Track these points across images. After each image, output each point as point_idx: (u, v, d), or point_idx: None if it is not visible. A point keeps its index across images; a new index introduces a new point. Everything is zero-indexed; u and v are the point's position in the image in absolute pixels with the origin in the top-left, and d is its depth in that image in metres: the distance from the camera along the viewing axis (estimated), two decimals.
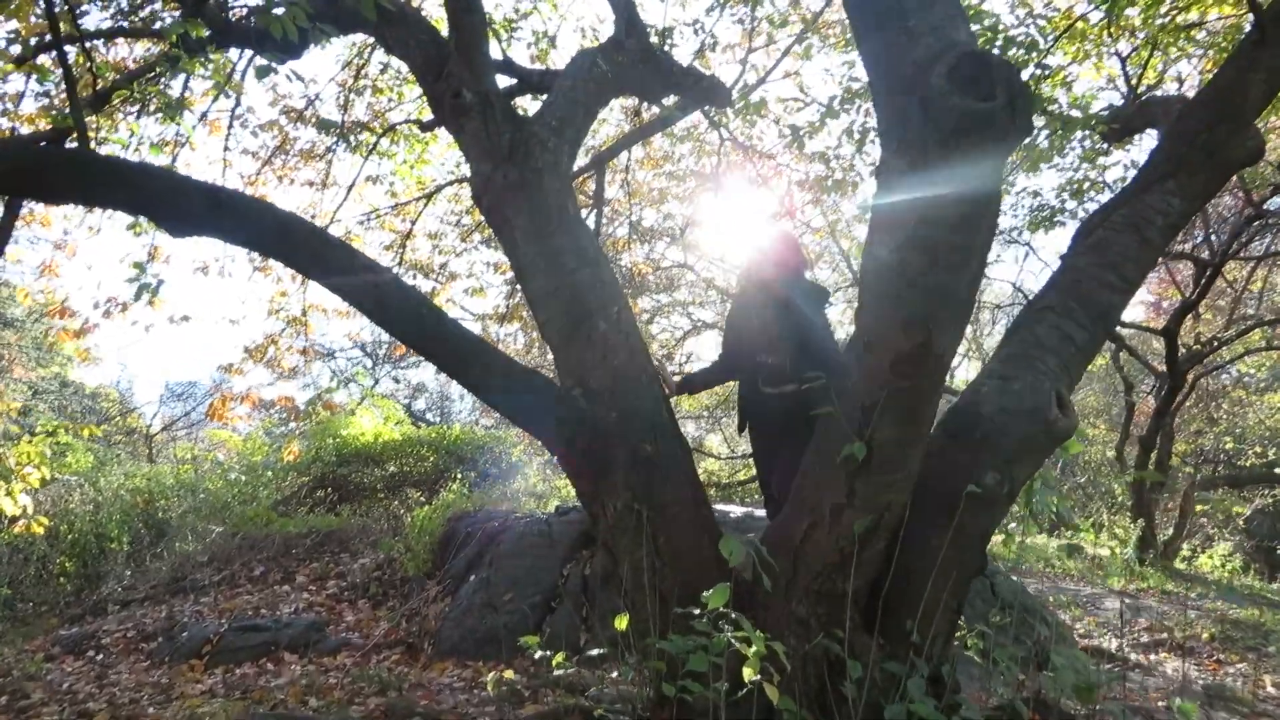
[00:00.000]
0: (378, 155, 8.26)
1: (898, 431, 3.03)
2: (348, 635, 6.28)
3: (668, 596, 3.64)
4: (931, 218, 2.63)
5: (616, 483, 3.70)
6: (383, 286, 3.55)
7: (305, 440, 10.76)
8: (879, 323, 2.90)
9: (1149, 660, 5.76)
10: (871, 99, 3.19)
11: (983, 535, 3.48)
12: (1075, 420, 3.46)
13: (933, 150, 2.55)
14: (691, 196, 9.48)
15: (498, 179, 4.09)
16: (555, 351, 3.96)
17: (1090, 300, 3.64)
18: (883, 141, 2.79)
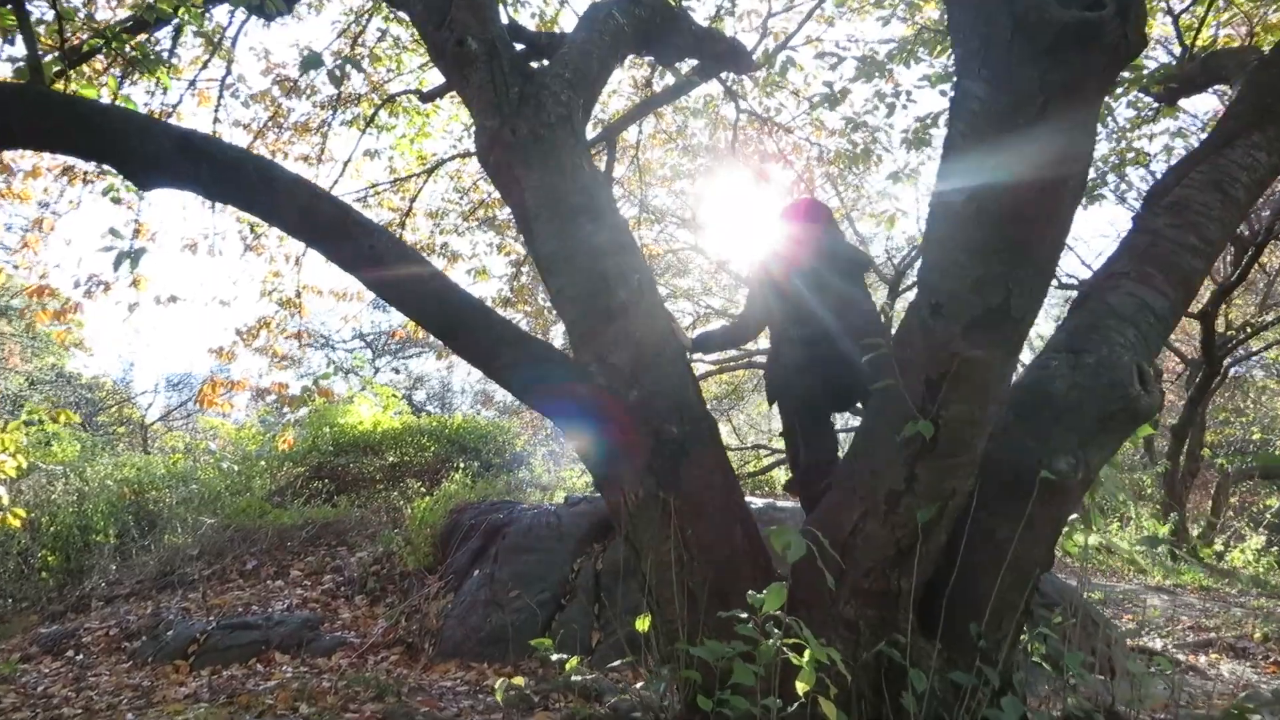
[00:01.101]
0: (376, 128, 7.88)
1: (968, 408, 2.65)
2: (343, 634, 5.91)
3: (697, 594, 3.27)
4: (1018, 157, 2.24)
5: (639, 468, 3.33)
6: (378, 248, 3.16)
7: (301, 429, 10.38)
8: (949, 281, 2.51)
9: (1198, 661, 5.39)
10: (947, 21, 2.77)
11: (1054, 527, 3.10)
12: (1159, 397, 3.08)
13: (1025, 74, 2.17)
14: (705, 174, 9.07)
15: (505, 134, 3.70)
16: (569, 324, 3.58)
17: (1170, 264, 3.26)
18: (961, 68, 2.39)
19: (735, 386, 15.97)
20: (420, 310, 3.31)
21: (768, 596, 2.29)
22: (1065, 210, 2.35)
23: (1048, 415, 3.03)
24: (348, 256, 3.17)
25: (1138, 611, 6.56)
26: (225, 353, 8.22)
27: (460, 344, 3.38)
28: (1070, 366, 3.08)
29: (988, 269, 2.40)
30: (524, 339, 3.40)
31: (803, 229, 3.85)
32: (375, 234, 3.18)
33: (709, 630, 3.25)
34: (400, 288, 3.24)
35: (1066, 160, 2.25)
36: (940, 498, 2.81)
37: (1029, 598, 3.16)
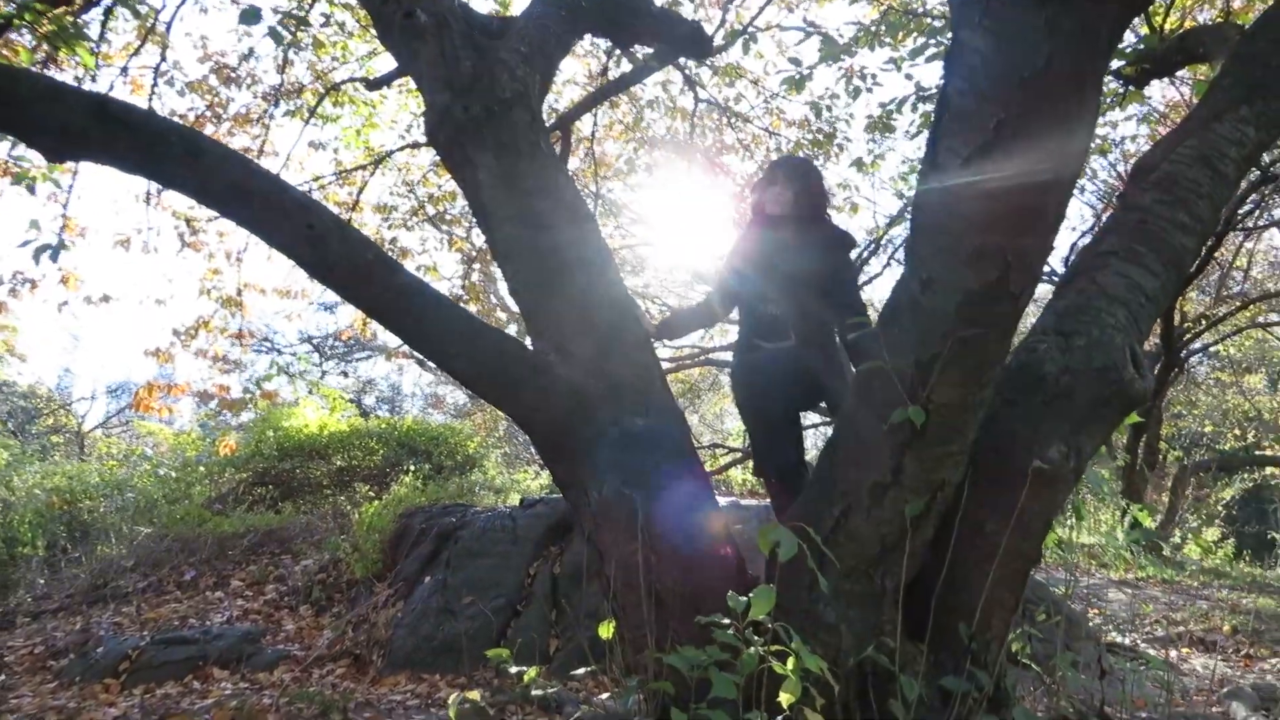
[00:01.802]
0: (320, 119, 7.55)
1: (960, 392, 2.46)
2: (287, 646, 5.59)
3: (665, 598, 3.05)
4: (1019, 110, 2.05)
5: (601, 464, 3.10)
6: (319, 228, 2.89)
7: (245, 434, 9.97)
8: (941, 254, 2.31)
9: (1170, 657, 5.28)
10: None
11: (1045, 520, 2.92)
12: (1153, 381, 2.91)
13: (1029, 22, 1.98)
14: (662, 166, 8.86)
15: (457, 111, 3.45)
16: (526, 311, 3.35)
17: (1160, 242, 3.10)
18: (958, 18, 2.20)
19: (691, 385, 15.77)
20: (366, 297, 3.05)
21: (755, 600, 2.06)
22: (1070, 174, 2.17)
23: (1038, 401, 2.85)
24: (285, 237, 2.90)
25: (1103, 606, 6.47)
26: (162, 354, 7.83)
27: (409, 333, 3.13)
28: (1060, 349, 2.90)
29: (985, 240, 2.21)
30: (477, 327, 3.16)
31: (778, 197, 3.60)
32: (315, 212, 2.91)
33: (679, 637, 3.03)
34: (344, 272, 2.97)
35: (1078, 108, 2.06)
36: (929, 490, 2.62)
37: (1019, 595, 2.99)
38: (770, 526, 2.10)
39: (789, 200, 3.59)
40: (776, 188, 3.61)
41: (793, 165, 3.76)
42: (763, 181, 3.70)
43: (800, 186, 3.58)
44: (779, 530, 2.06)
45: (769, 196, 3.62)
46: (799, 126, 7.84)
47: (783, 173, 3.65)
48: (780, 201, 3.59)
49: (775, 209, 3.60)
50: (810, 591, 2.86)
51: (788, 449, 3.50)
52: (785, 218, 3.60)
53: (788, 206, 3.59)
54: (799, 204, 3.59)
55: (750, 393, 3.60)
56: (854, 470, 2.69)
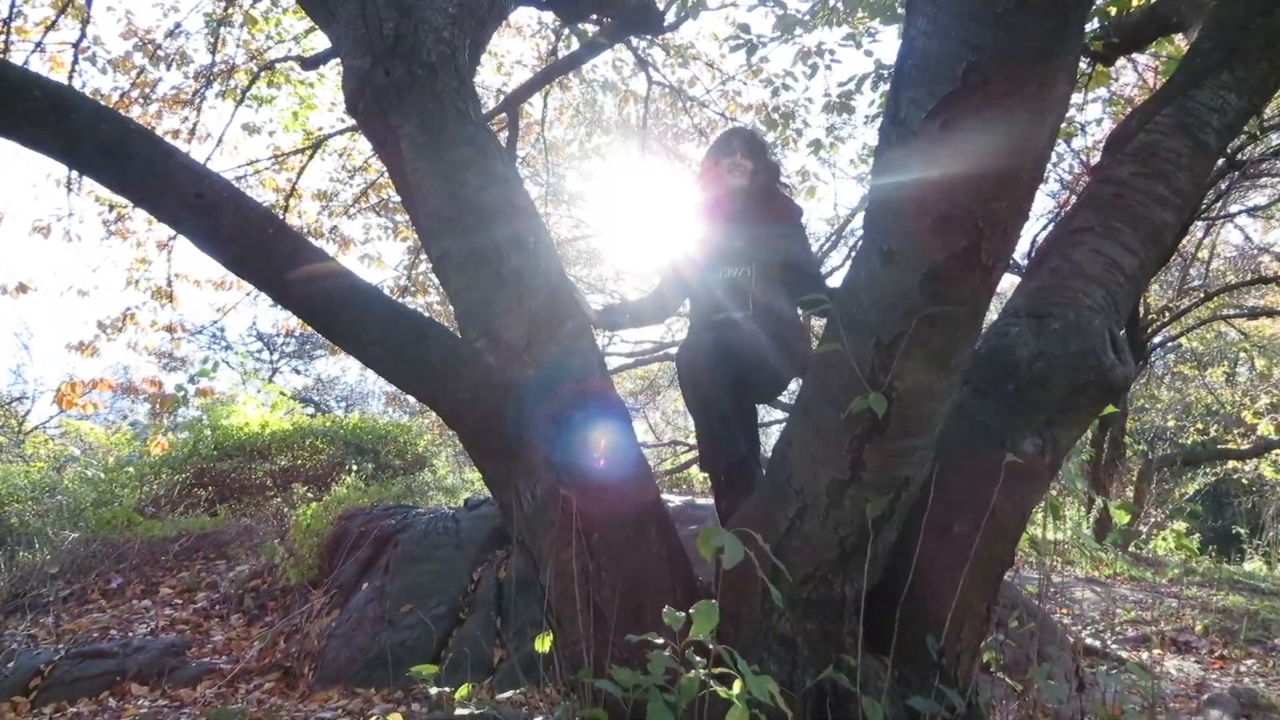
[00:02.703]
0: (254, 101, 7.18)
1: (926, 378, 2.19)
2: (213, 659, 5.23)
3: (605, 610, 2.76)
4: (991, 52, 1.78)
5: (535, 461, 2.82)
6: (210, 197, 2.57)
7: (182, 432, 9.52)
8: (903, 221, 2.04)
9: (1141, 658, 5.08)
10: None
11: (1019, 519, 2.67)
12: (1133, 367, 2.67)
13: None
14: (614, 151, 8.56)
15: (378, 76, 3.15)
16: (454, 294, 3.04)
17: (1138, 217, 2.87)
18: None
19: (650, 381, 15.47)
20: (266, 277, 2.72)
21: (696, 617, 1.78)
22: (1050, 126, 1.90)
23: (1009, 389, 2.60)
24: (170, 207, 2.57)
25: (1071, 606, 6.27)
26: (87, 348, 7.40)
27: (318, 317, 2.81)
28: (1034, 333, 2.65)
29: (952, 204, 1.94)
30: (395, 311, 2.85)
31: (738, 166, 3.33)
32: (205, 180, 2.59)
33: (619, 653, 2.75)
34: (240, 248, 2.65)
35: (1053, 54, 1.79)
36: (892, 488, 2.36)
37: (991, 601, 2.73)
38: (710, 530, 1.81)
39: (749, 169, 3.34)
40: (735, 157, 3.35)
41: (748, 135, 3.50)
42: (716, 152, 3.43)
43: (758, 157, 3.34)
44: (722, 534, 1.78)
45: (728, 166, 3.36)
46: (755, 111, 7.57)
47: (740, 141, 3.40)
48: (741, 170, 3.34)
49: (738, 178, 3.34)
50: (763, 602, 2.60)
51: (736, 441, 3.20)
52: (741, 189, 3.34)
53: (748, 175, 3.34)
54: (757, 174, 3.35)
55: (695, 375, 3.25)
56: (810, 466, 2.42)
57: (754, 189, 3.35)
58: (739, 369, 3.17)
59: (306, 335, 21.82)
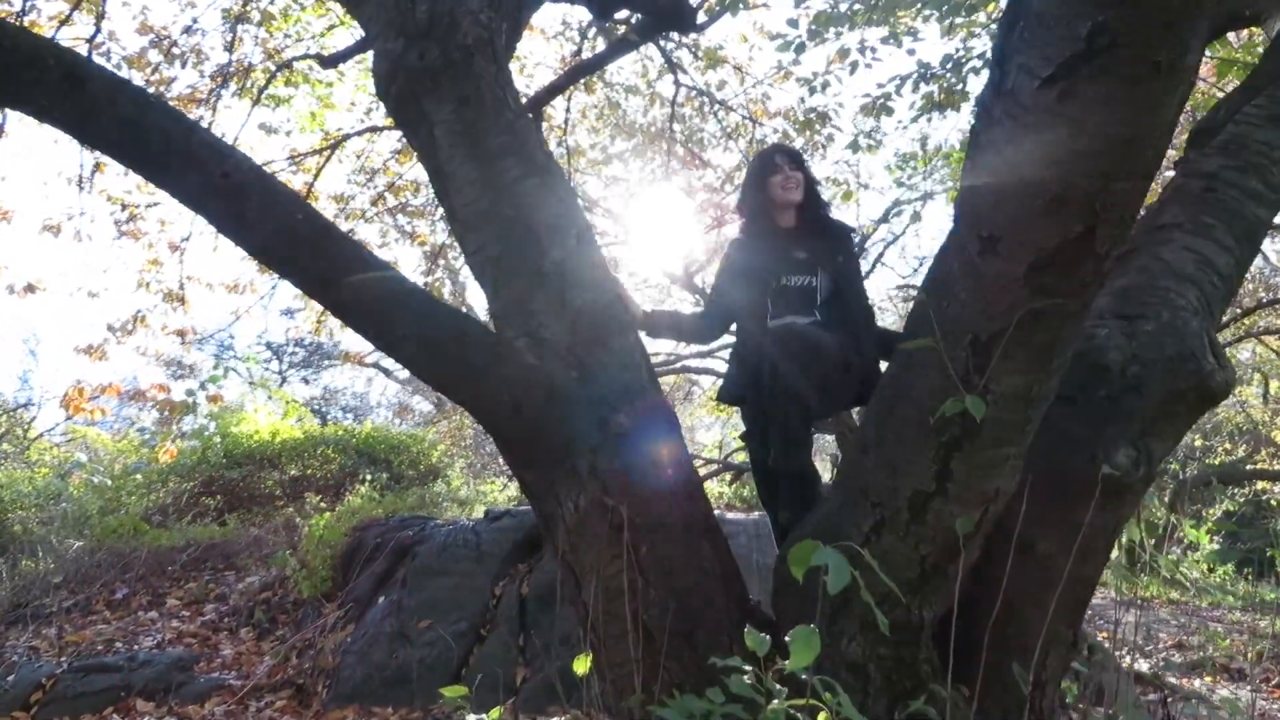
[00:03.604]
0: (271, 101, 7.01)
1: (1025, 380, 1.99)
2: (222, 675, 5.02)
3: (654, 630, 2.56)
4: (1122, 5, 1.58)
5: (579, 470, 2.62)
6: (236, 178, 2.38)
7: (190, 440, 9.32)
8: (1010, 204, 1.83)
9: (1191, 685, 4.85)
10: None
11: (1109, 538, 2.47)
12: (1234, 373, 2.46)
13: None
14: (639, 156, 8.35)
15: (411, 59, 2.96)
16: (491, 291, 2.85)
17: (1231, 213, 2.67)
18: None
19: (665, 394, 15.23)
20: (294, 264, 2.53)
21: (796, 646, 1.56)
22: (1181, 92, 1.70)
23: (1100, 396, 2.40)
24: (193, 188, 2.39)
25: (1108, 628, 6.03)
26: (95, 351, 7.22)
27: (348, 309, 2.61)
28: (1125, 335, 2.45)
29: (1068, 184, 1.74)
30: (431, 305, 2.66)
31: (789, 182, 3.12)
32: (230, 159, 2.40)
33: (670, 676, 2.55)
34: (266, 233, 2.46)
35: (1191, 12, 1.59)
36: (981, 502, 2.16)
37: (1077, 627, 2.52)
38: (808, 545, 1.59)
39: (800, 182, 3.13)
40: (783, 174, 3.12)
41: (790, 151, 3.28)
42: (761, 174, 3.19)
43: (805, 169, 3.15)
44: (823, 550, 1.56)
45: (780, 182, 3.12)
46: (784, 116, 7.39)
47: (786, 157, 3.16)
48: (794, 183, 3.12)
49: (793, 193, 3.11)
50: (831, 625, 2.39)
51: (810, 445, 2.99)
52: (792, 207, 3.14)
53: (800, 187, 3.13)
54: (809, 189, 3.15)
55: (797, 363, 2.94)
56: (889, 477, 2.22)
57: (803, 206, 3.15)
58: (823, 371, 2.93)
59: (315, 344, 21.66)
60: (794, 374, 2.80)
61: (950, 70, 5.26)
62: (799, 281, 3.05)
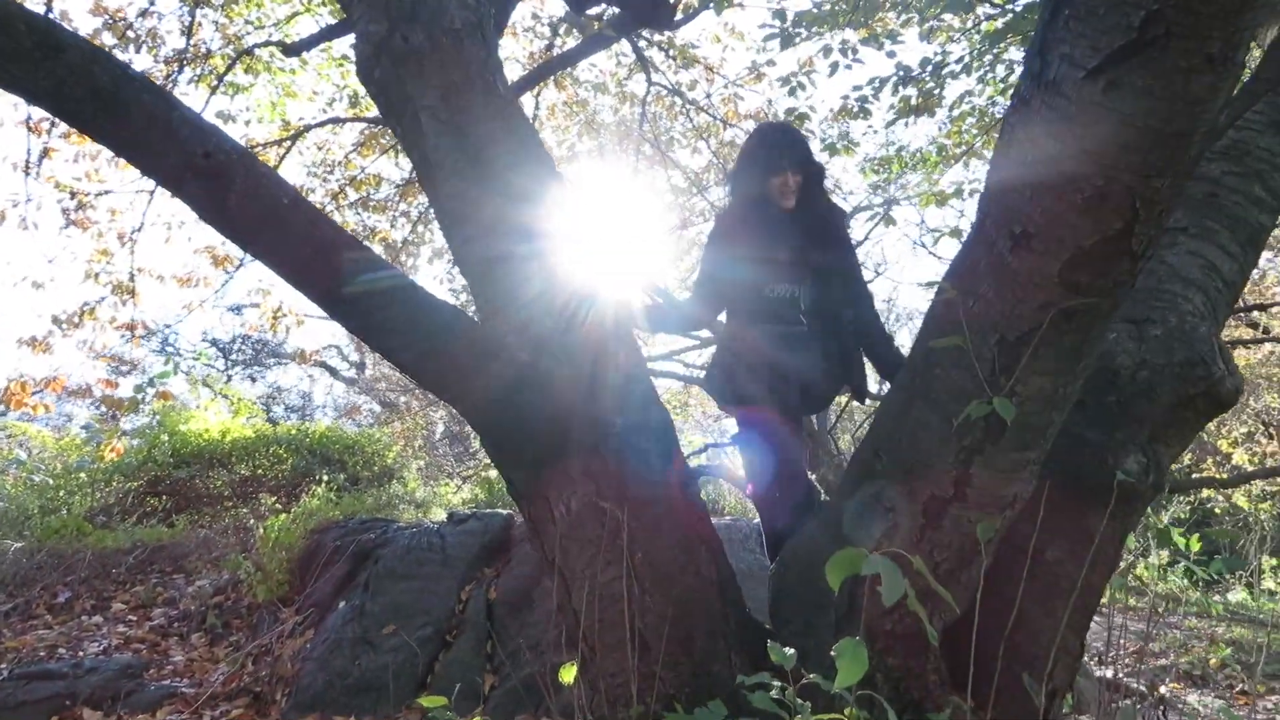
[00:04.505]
0: (230, 89, 6.79)
1: (1051, 382, 1.94)
2: (174, 682, 4.80)
3: (650, 639, 2.46)
4: None
5: (571, 471, 2.52)
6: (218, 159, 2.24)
7: (137, 438, 9.00)
8: (1047, 198, 1.77)
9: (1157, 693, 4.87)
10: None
11: (1117, 546, 2.42)
12: (1241, 380, 2.44)
13: None
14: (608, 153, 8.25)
15: (396, 42, 2.83)
16: (479, 283, 2.73)
17: (1235, 219, 2.66)
18: None
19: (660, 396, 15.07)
20: (278, 251, 2.40)
21: (843, 659, 1.47)
22: (1227, 87, 1.64)
23: (1111, 401, 2.36)
24: (173, 168, 2.24)
25: None
26: (39, 344, 6.92)
27: (333, 300, 2.47)
28: (1134, 339, 2.42)
29: (1110, 178, 1.68)
30: (420, 298, 2.53)
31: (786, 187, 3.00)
32: (213, 138, 2.26)
33: (666, 687, 2.46)
34: (250, 217, 2.32)
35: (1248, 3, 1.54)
36: (1000, 507, 2.09)
37: (1083, 636, 2.48)
38: (853, 553, 1.50)
39: (798, 185, 3.01)
40: (783, 179, 2.99)
41: (800, 147, 3.10)
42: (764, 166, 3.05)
43: (808, 168, 3.01)
44: (871, 559, 1.47)
45: (778, 186, 3.00)
46: (754, 119, 7.34)
47: (790, 160, 2.97)
48: (791, 190, 3.00)
49: (788, 203, 3.00)
50: (836, 633, 2.31)
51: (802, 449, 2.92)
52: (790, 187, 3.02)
53: (798, 193, 3.01)
54: (808, 184, 3.03)
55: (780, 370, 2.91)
56: (904, 480, 2.14)
57: (806, 203, 3.04)
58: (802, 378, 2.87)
59: (261, 342, 21.21)
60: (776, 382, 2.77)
61: (929, 74, 5.26)
62: (782, 291, 2.95)
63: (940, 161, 6.68)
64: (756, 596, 2.95)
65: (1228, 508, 12.44)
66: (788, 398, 2.85)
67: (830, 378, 2.94)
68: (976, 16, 5.23)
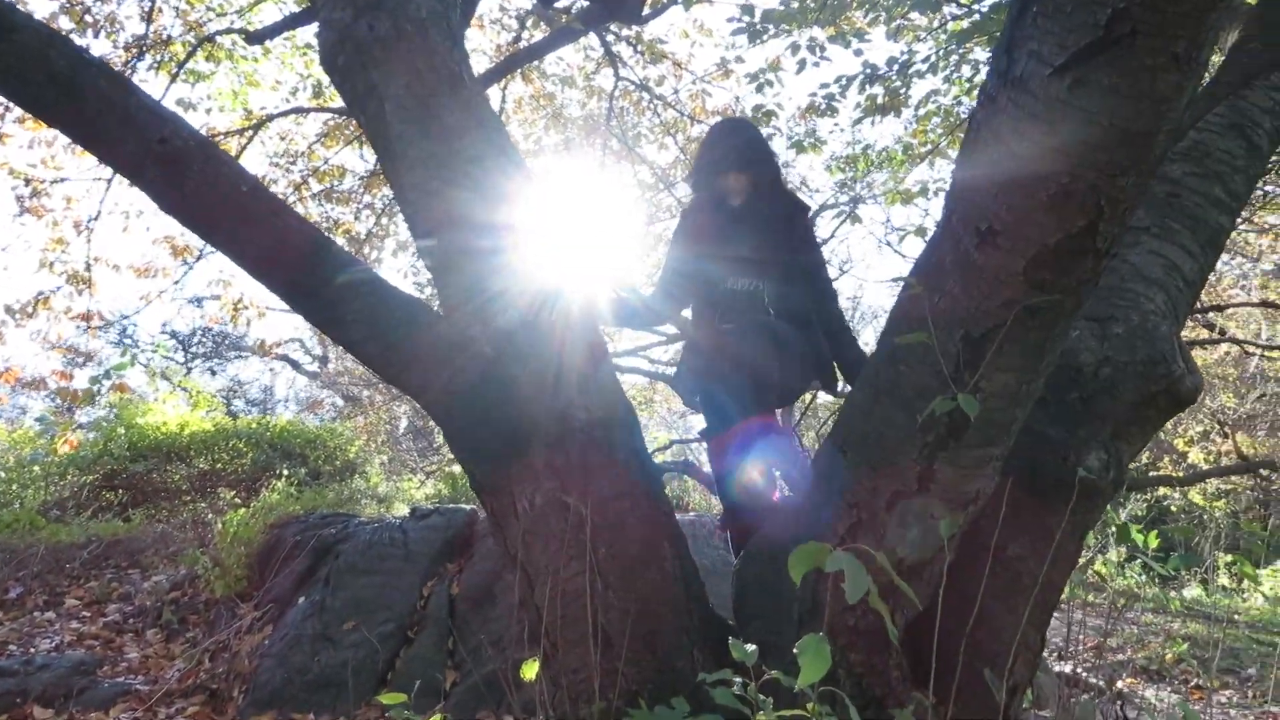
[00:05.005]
0: (191, 76, 6.67)
1: (1015, 378, 1.94)
2: (128, 679, 4.72)
3: (613, 635, 2.45)
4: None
5: (535, 465, 2.50)
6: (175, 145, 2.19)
7: (93, 430, 8.83)
8: (1011, 195, 1.77)
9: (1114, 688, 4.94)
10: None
11: (1077, 543, 2.44)
12: (1201, 379, 2.47)
13: None
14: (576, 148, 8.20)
15: (360, 30, 2.79)
16: (443, 276, 2.70)
17: (1196, 219, 2.69)
18: None
19: None
20: (238, 241, 2.35)
21: (804, 657, 1.46)
22: (1192, 86, 1.65)
23: (1073, 398, 2.38)
24: (129, 154, 2.19)
25: None
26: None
27: (294, 290, 2.43)
28: (1097, 337, 2.44)
29: (1075, 177, 1.68)
30: (383, 289, 2.49)
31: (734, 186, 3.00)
32: (170, 124, 2.21)
33: (629, 683, 2.44)
34: (208, 206, 2.27)
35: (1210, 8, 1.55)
36: (963, 501, 2.10)
37: (1043, 632, 2.50)
38: (810, 548, 1.49)
39: (745, 184, 3.01)
40: (728, 178, 3.00)
41: (741, 146, 3.06)
42: (710, 167, 3.07)
43: (754, 166, 3.00)
44: (836, 555, 1.46)
45: (725, 185, 3.01)
46: (722, 115, 7.34)
47: (732, 159, 3.00)
48: (737, 189, 3.00)
49: (734, 199, 3.01)
50: (799, 629, 2.31)
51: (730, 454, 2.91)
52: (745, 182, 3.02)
53: (746, 189, 3.01)
54: (756, 182, 3.02)
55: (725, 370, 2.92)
56: (868, 477, 2.14)
57: (759, 197, 3.03)
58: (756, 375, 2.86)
59: (222, 335, 20.94)
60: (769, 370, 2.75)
61: (896, 73, 5.29)
62: (744, 285, 2.95)
63: (906, 160, 6.74)
64: (720, 593, 2.95)
65: (1184, 505, 12.71)
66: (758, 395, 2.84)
67: (796, 372, 2.93)
68: (943, 16, 5.27)
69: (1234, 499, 12.79)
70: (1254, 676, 5.13)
